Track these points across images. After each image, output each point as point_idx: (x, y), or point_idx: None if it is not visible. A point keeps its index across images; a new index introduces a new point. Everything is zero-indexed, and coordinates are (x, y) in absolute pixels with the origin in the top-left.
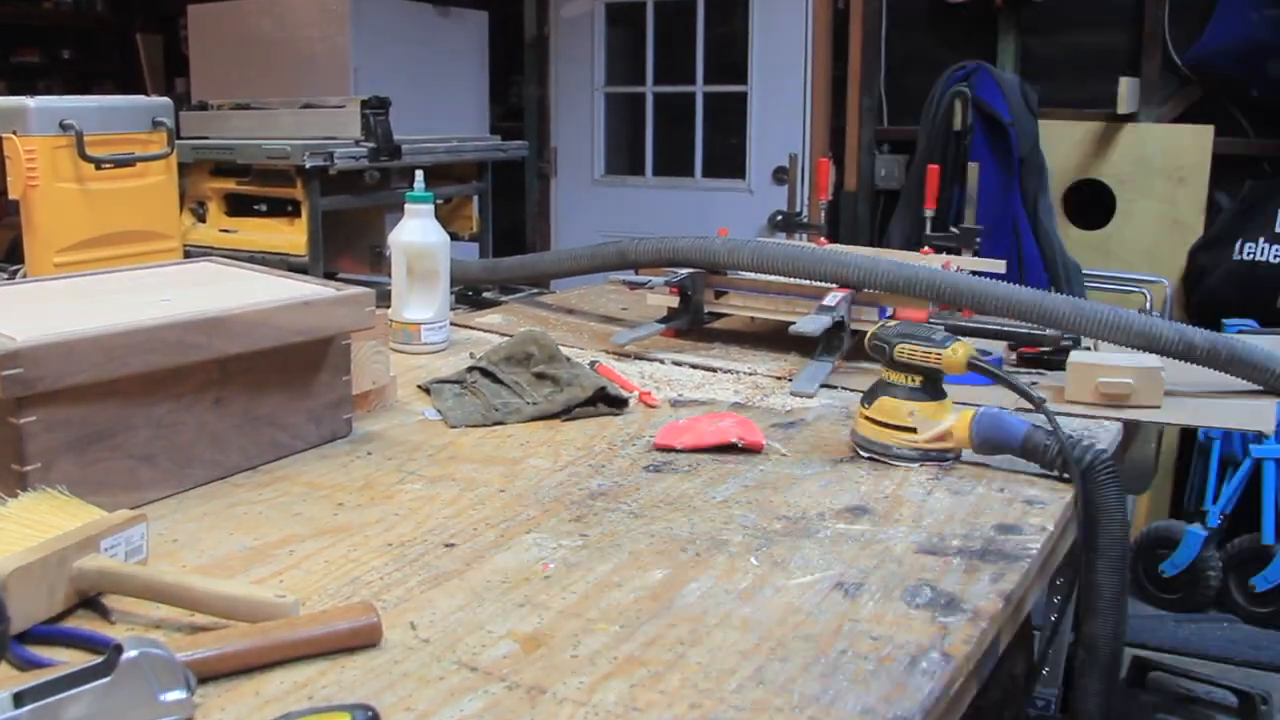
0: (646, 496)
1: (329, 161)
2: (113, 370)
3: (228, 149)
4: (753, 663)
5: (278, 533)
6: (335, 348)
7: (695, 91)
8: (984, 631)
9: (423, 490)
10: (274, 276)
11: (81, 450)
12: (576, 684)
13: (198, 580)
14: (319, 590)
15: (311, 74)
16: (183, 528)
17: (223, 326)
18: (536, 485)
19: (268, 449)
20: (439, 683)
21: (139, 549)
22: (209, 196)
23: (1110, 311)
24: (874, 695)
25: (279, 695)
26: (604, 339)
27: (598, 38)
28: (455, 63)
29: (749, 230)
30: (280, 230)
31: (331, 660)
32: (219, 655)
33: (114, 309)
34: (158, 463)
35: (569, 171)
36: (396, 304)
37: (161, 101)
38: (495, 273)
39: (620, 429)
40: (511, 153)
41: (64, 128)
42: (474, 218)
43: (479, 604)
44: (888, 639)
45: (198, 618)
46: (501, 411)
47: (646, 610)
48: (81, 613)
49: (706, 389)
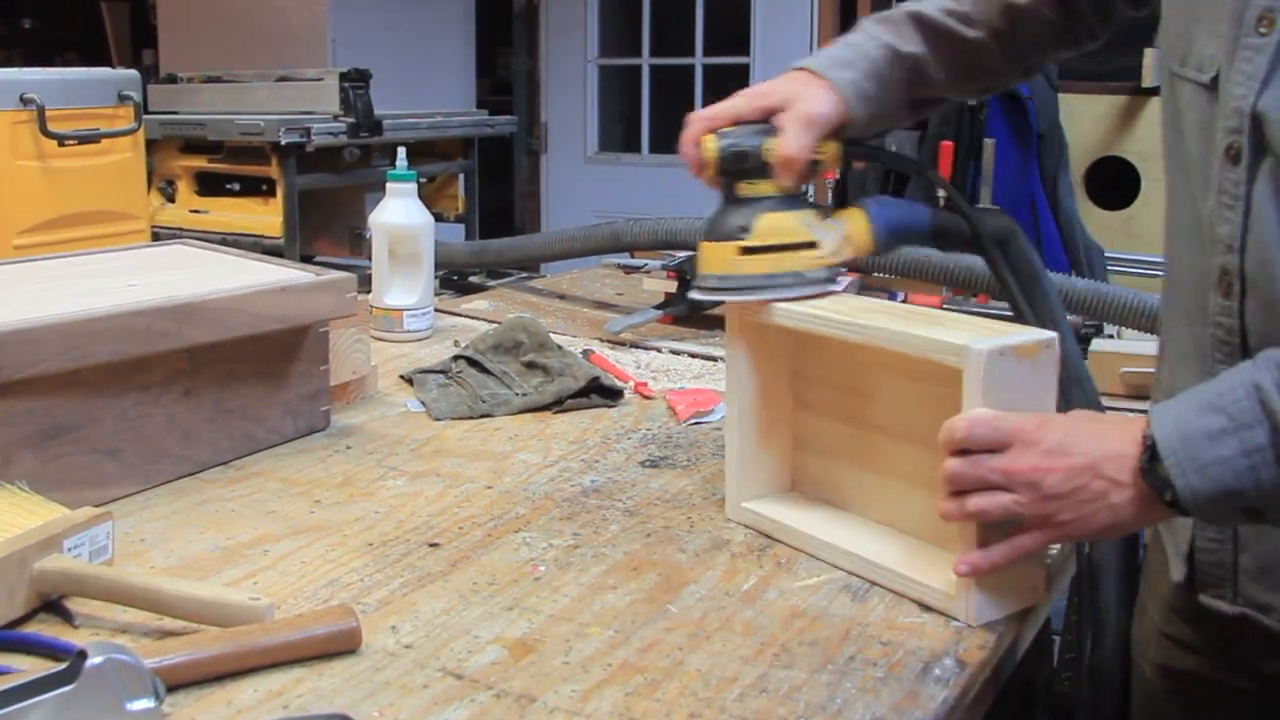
0: (642, 494)
1: (306, 138)
2: (76, 360)
3: (198, 124)
4: (755, 669)
5: (251, 532)
6: (312, 336)
7: (694, 64)
8: (1000, 636)
9: (405, 487)
10: (247, 260)
11: (43, 444)
12: (568, 692)
13: (166, 582)
14: (295, 593)
15: (287, 45)
16: (150, 526)
17: (193, 313)
18: (526, 481)
19: (241, 443)
20: (422, 691)
21: (104, 549)
22: (178, 175)
23: (1134, 296)
24: (884, 704)
25: (252, 704)
26: (597, 326)
27: (591, 7)
28: (440, 33)
29: None
30: (254, 211)
31: (308, 667)
32: (189, 662)
33: (78, 295)
34: (124, 458)
35: (560, 149)
36: (377, 289)
37: (128, 74)
38: (482, 256)
39: (615, 422)
40: (499, 128)
41: (24, 102)
42: (459, 197)
43: (465, 607)
44: (898, 644)
45: (166, 622)
46: (489, 403)
47: (642, 614)
48: (43, 617)
49: (706, 378)
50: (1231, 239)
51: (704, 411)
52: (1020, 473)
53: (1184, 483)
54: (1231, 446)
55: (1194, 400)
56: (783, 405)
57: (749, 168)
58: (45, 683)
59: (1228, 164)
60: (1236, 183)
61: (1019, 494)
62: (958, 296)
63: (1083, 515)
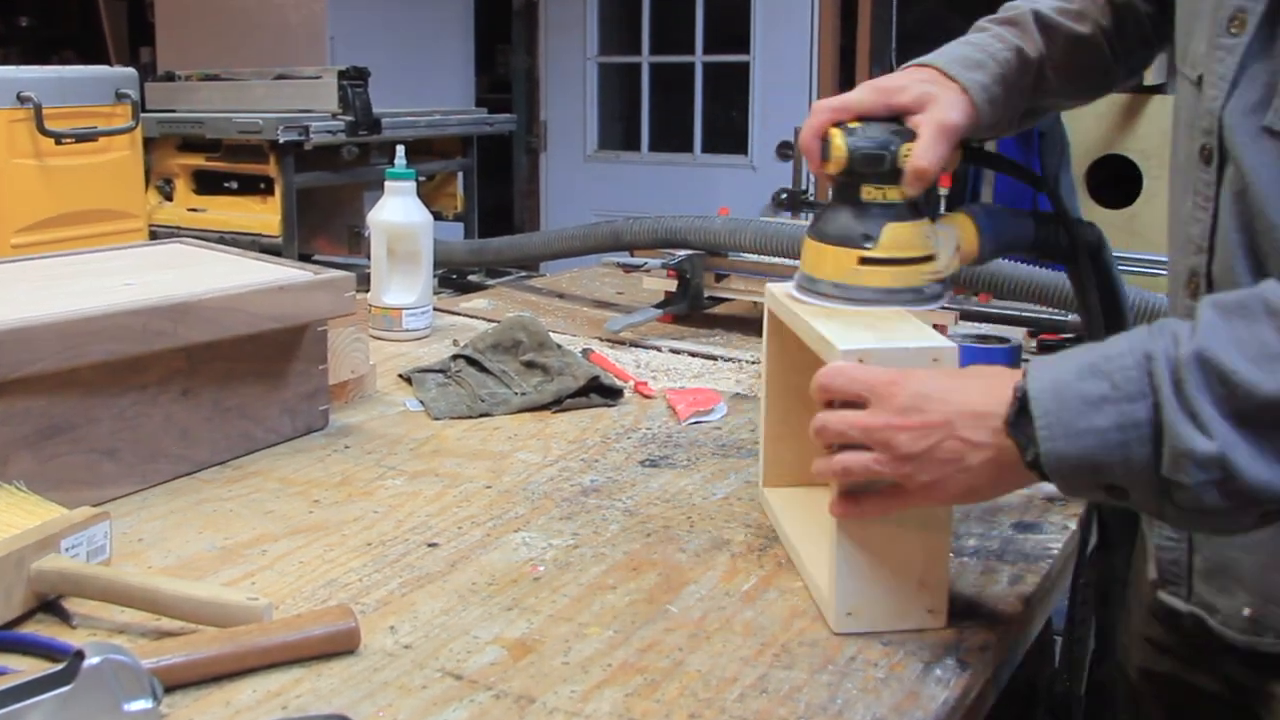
0: (642, 493)
1: (304, 136)
2: (73, 359)
3: (196, 122)
4: (755, 670)
5: (249, 532)
6: (311, 335)
7: (694, 61)
8: (1002, 637)
9: (404, 486)
10: (245, 259)
11: (40, 444)
12: (568, 693)
13: (164, 582)
14: (293, 593)
15: (285, 43)
16: (148, 526)
17: (191, 313)
18: (525, 481)
19: (238, 443)
20: (421, 692)
21: (102, 549)
22: (176, 173)
23: (1136, 295)
24: (885, 705)
25: (250, 705)
26: (597, 325)
27: (590, 4)
28: (438, 31)
29: (751, 209)
30: (252, 209)
31: (307, 667)
32: (187, 662)
33: (75, 294)
34: (121, 457)
35: (560, 147)
36: (376, 288)
37: (125, 72)
38: (481, 254)
39: (615, 421)
40: (498, 127)
41: (21, 100)
42: (458, 196)
43: (464, 607)
44: (899, 645)
45: (164, 622)
46: (488, 402)
47: (642, 614)
48: (40, 617)
49: (706, 378)
50: (1201, 240)
51: (704, 411)
52: (875, 429)
53: (1050, 445)
54: (1109, 416)
55: (1077, 360)
56: None
57: (882, 171)
58: (42, 683)
59: (1201, 164)
60: (1208, 184)
61: (877, 452)
62: (959, 295)
63: (940, 478)
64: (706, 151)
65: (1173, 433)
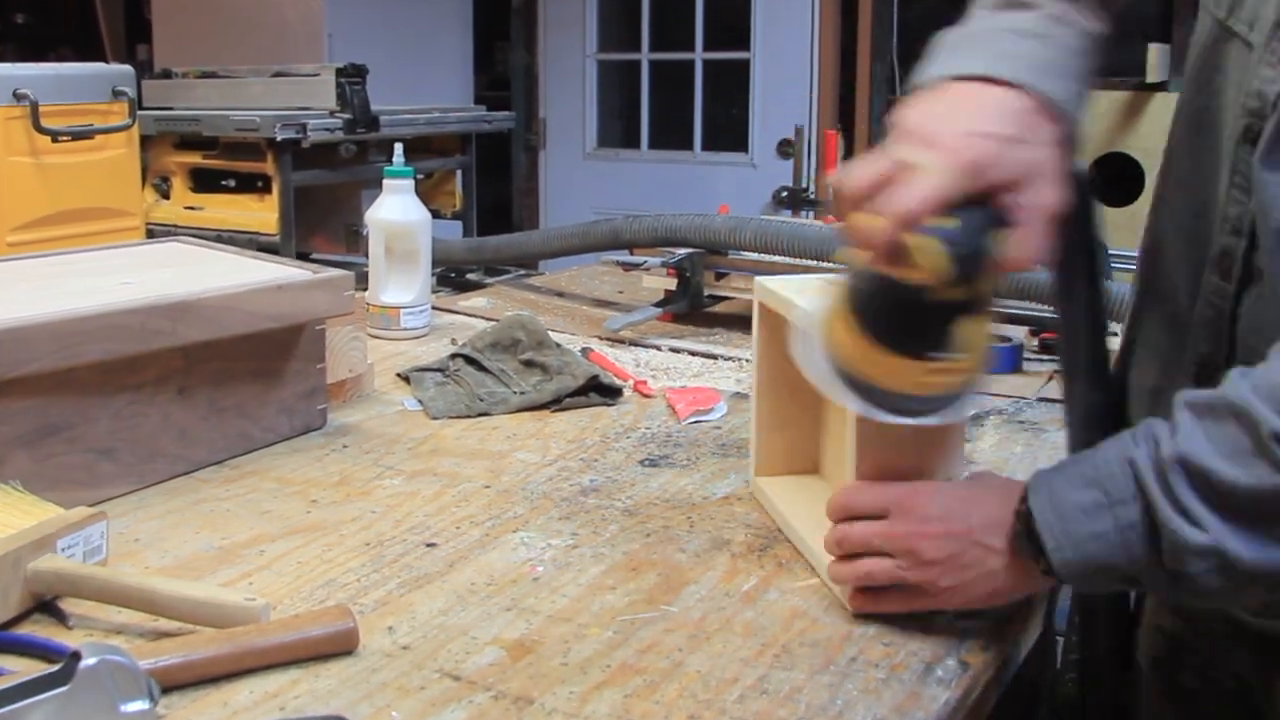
0: (642, 493)
1: (302, 134)
2: (70, 359)
3: (193, 120)
4: (756, 671)
5: (247, 532)
6: (309, 334)
7: (694, 59)
8: (1003, 637)
9: (402, 486)
10: (243, 257)
11: (37, 443)
12: (567, 694)
13: (161, 582)
14: (291, 593)
15: (283, 40)
16: (145, 526)
17: (188, 312)
18: (524, 481)
19: (236, 442)
20: (419, 692)
21: (98, 549)
22: (173, 171)
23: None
24: (885, 705)
25: (248, 706)
26: (596, 324)
27: (590, 1)
28: (437, 28)
29: (752, 207)
30: (249, 207)
31: (305, 668)
32: (184, 663)
33: (71, 293)
34: (118, 457)
35: (559, 145)
36: (374, 286)
37: (122, 69)
38: (480, 253)
39: (614, 421)
40: (497, 124)
41: (18, 97)
42: (457, 194)
43: (462, 608)
44: (900, 645)
45: (161, 623)
46: (487, 402)
47: (642, 615)
48: (37, 617)
49: (706, 377)
50: (1239, 221)
51: (703, 410)
52: (898, 538)
53: (1059, 556)
54: (1106, 522)
55: (1071, 472)
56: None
57: (973, 273)
58: (39, 684)
59: (1245, 144)
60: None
61: (900, 560)
62: None
63: (963, 582)
64: (706, 149)
65: (1168, 529)
